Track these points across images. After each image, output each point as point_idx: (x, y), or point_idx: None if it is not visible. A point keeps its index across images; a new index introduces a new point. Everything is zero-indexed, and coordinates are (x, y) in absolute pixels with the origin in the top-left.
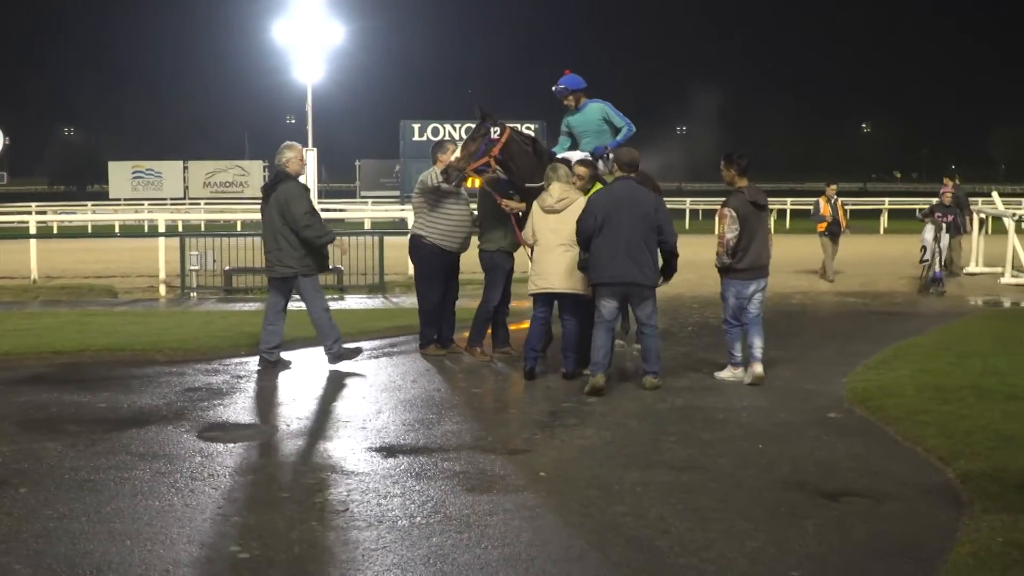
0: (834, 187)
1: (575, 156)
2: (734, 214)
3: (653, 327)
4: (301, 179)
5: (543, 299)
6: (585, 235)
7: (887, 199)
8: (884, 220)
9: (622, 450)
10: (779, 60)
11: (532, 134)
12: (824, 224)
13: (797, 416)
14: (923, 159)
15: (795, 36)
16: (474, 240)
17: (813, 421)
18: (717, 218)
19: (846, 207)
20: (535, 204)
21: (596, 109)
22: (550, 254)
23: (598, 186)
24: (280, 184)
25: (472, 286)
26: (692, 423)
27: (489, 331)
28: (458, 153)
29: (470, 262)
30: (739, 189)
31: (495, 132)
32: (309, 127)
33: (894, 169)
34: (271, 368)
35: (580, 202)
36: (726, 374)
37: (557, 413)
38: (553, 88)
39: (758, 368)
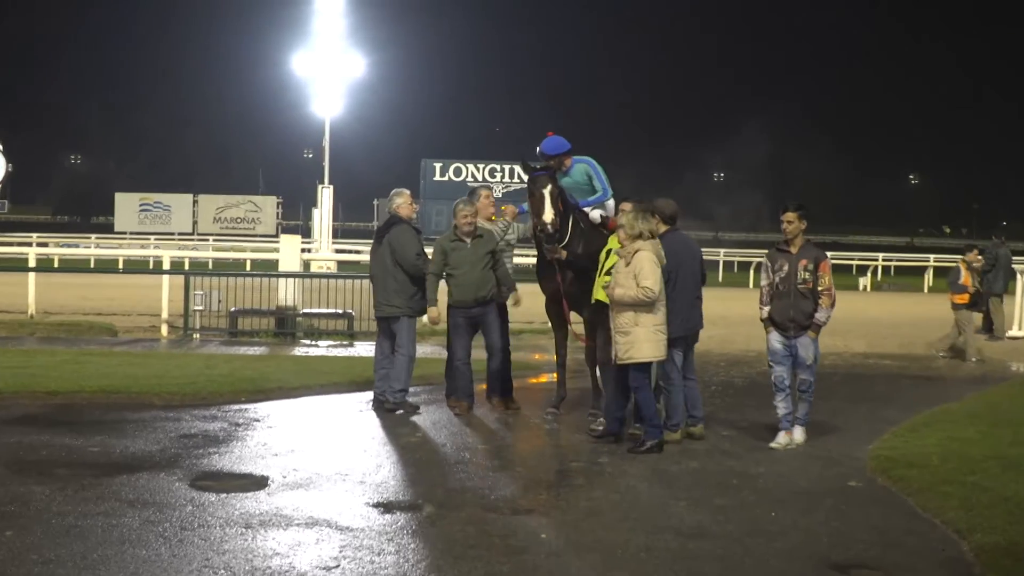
0: (976, 253)
1: (595, 214)
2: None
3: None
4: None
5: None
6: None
7: (932, 256)
8: (929, 277)
9: (629, 513)
10: (824, 106)
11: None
12: (966, 296)
13: (816, 483)
14: (974, 214)
15: (840, 82)
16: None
17: (832, 489)
18: (821, 269)
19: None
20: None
21: (582, 170)
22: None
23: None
24: (393, 227)
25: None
26: (705, 487)
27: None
28: (551, 210)
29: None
30: (809, 241)
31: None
32: (326, 163)
33: (943, 224)
34: (383, 410)
35: (643, 254)
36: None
37: (565, 472)
38: (538, 153)
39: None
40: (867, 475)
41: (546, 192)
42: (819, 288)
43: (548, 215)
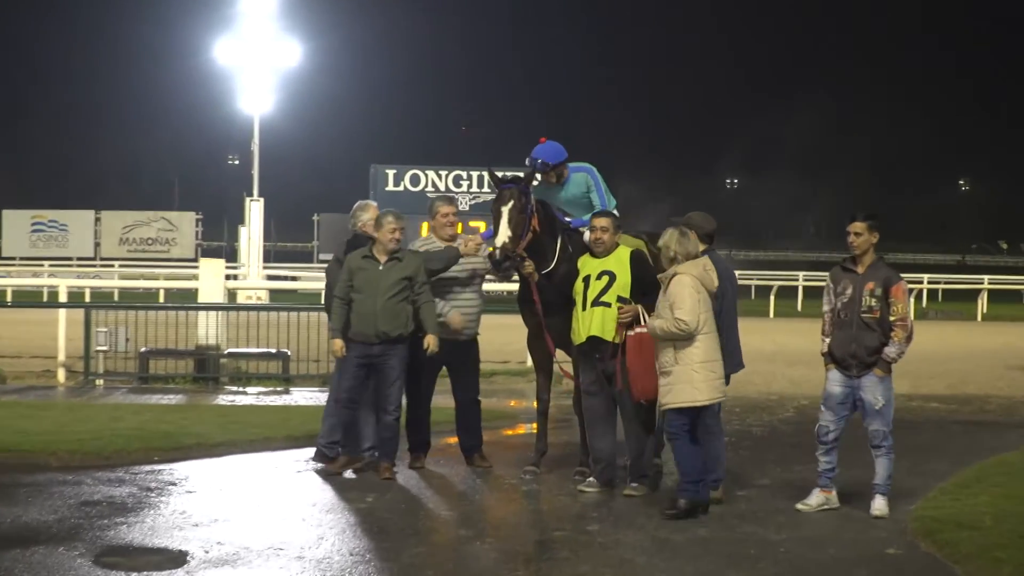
0: None
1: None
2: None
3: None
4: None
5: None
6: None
7: (987, 277)
8: (983, 303)
9: None
10: (857, 98)
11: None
12: None
13: (848, 551)
14: None
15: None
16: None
17: (867, 558)
18: (893, 294)
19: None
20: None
21: (581, 181)
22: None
23: (628, 247)
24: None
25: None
26: (716, 559)
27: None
28: (507, 232)
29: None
30: (881, 259)
31: (532, 200)
32: (255, 171)
33: (1001, 238)
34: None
35: (682, 279)
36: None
37: (546, 544)
38: (527, 162)
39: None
40: (908, 540)
41: (505, 210)
42: (891, 317)
43: (500, 237)
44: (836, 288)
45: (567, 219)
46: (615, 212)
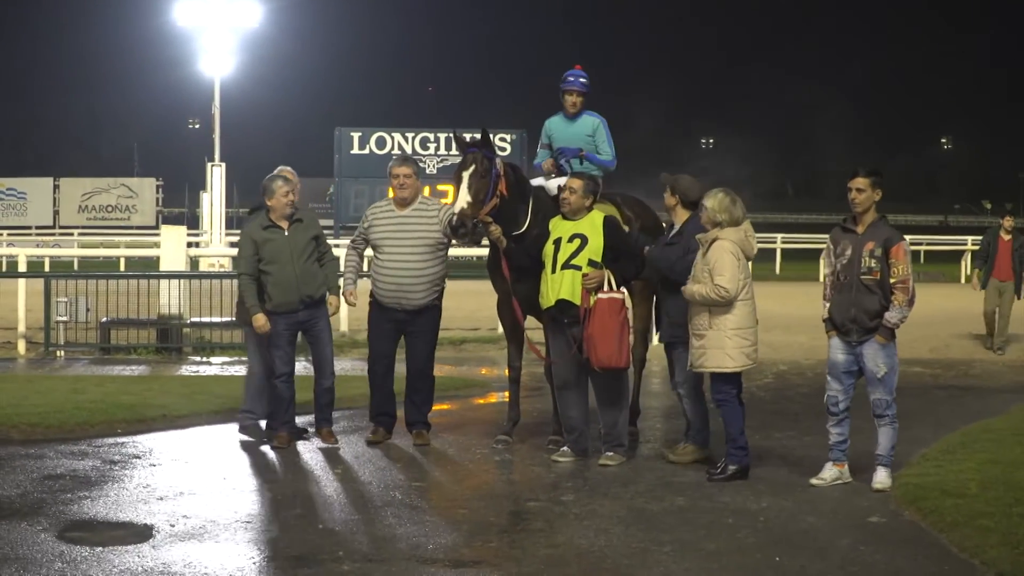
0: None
1: (554, 184)
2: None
3: None
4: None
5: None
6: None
7: (970, 238)
8: (966, 264)
9: (599, 564)
10: (834, 60)
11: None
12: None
13: (829, 521)
14: (1022, 185)
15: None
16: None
17: (849, 527)
18: (893, 254)
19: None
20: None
21: (590, 123)
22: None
23: (604, 211)
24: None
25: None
26: (694, 528)
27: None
28: (467, 197)
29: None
30: (883, 218)
31: (498, 164)
32: (216, 135)
33: (984, 198)
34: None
35: (722, 244)
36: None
37: (521, 514)
38: (569, 79)
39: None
40: (892, 508)
41: (465, 175)
42: (891, 280)
43: (459, 202)
44: (836, 249)
45: (562, 149)
46: (596, 174)
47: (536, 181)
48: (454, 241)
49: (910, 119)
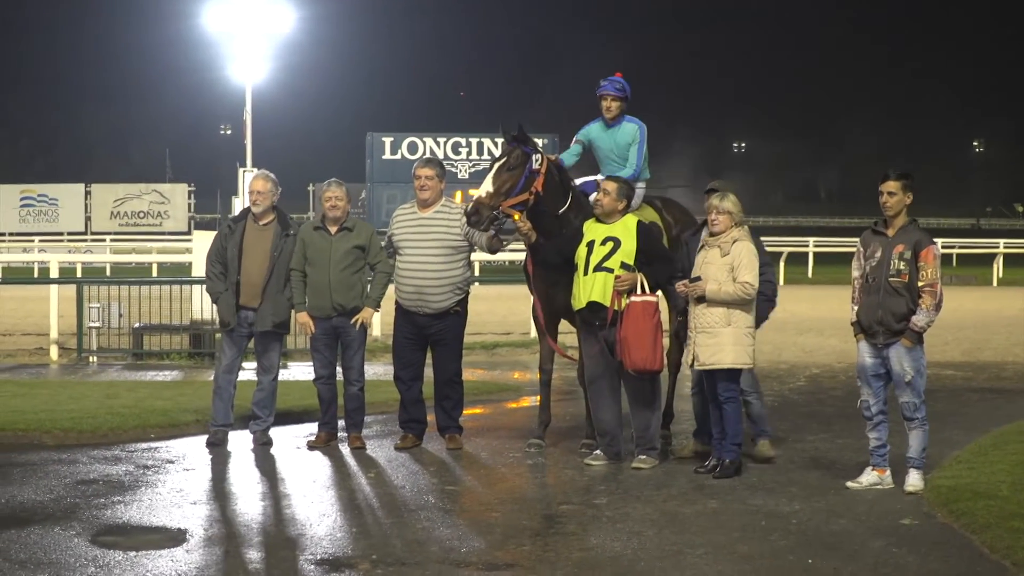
0: None
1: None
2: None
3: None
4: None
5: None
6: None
7: (1003, 241)
8: (999, 267)
9: (633, 567)
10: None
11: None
12: None
13: (861, 523)
14: None
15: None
16: None
17: (881, 529)
18: (922, 258)
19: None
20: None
21: (630, 132)
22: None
23: (644, 217)
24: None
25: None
26: (727, 531)
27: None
28: (488, 187)
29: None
30: (914, 222)
31: (536, 161)
32: (248, 141)
33: (1015, 201)
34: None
35: (744, 244)
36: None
37: (554, 518)
38: (603, 83)
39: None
40: (924, 510)
41: (496, 165)
42: (919, 283)
43: (481, 189)
44: (866, 252)
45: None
46: (631, 180)
47: (579, 181)
48: (474, 239)
49: (944, 121)
